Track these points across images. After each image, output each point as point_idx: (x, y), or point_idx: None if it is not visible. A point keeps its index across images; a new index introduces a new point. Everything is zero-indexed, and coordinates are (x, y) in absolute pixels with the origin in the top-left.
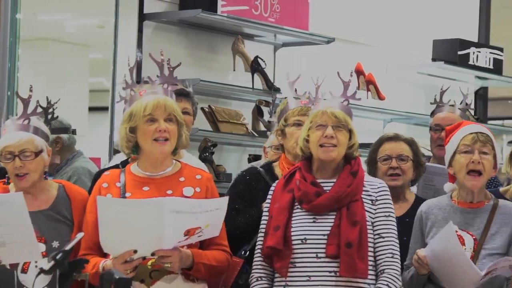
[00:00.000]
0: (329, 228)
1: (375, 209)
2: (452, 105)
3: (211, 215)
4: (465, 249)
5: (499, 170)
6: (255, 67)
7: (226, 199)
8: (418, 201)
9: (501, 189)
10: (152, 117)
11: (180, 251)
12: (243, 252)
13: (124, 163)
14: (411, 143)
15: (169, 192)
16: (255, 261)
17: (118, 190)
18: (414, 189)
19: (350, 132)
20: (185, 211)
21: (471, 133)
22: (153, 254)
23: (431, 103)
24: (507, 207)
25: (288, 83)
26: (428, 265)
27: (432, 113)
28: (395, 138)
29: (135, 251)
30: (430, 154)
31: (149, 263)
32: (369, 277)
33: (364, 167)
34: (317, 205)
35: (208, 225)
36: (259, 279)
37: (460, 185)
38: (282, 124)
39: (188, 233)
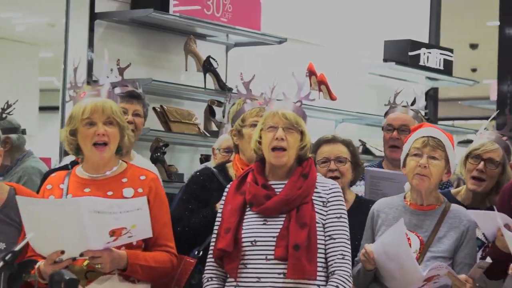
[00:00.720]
0: (279, 230)
1: (326, 211)
2: (405, 106)
3: (132, 215)
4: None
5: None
6: (207, 67)
7: (144, 199)
8: (359, 201)
9: (453, 190)
10: (91, 121)
11: (111, 252)
12: (196, 252)
13: (74, 164)
14: (348, 144)
15: (110, 193)
16: (207, 261)
17: (61, 192)
18: (359, 188)
19: (302, 133)
20: (103, 211)
21: (423, 137)
22: (82, 255)
23: (385, 105)
24: (457, 212)
25: (243, 84)
26: (374, 261)
27: (386, 114)
28: (333, 140)
29: (63, 252)
30: (382, 154)
31: (84, 263)
32: (320, 278)
33: None
34: (266, 208)
35: (134, 225)
36: (210, 279)
37: (411, 187)
38: (239, 125)
39: (114, 233)
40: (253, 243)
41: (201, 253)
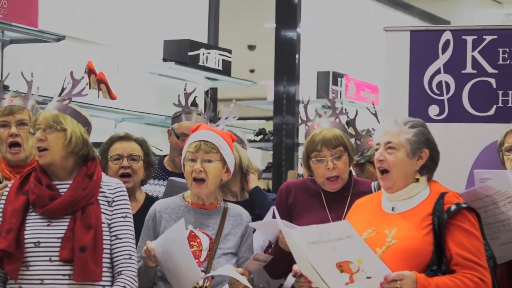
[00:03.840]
0: (64, 232)
1: (111, 210)
2: (199, 114)
3: None
4: (201, 249)
5: None
6: None
7: None
8: (149, 200)
9: None
10: None
11: None
12: None
13: None
14: (142, 142)
15: None
16: None
17: None
18: (152, 188)
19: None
20: None
21: (195, 141)
22: None
23: (174, 104)
24: (236, 210)
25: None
26: (155, 258)
27: (177, 118)
28: (126, 137)
29: None
30: (161, 153)
31: None
32: (105, 279)
33: None
34: (50, 210)
35: None
36: None
37: (191, 190)
38: None
39: None
40: (37, 244)
41: None
